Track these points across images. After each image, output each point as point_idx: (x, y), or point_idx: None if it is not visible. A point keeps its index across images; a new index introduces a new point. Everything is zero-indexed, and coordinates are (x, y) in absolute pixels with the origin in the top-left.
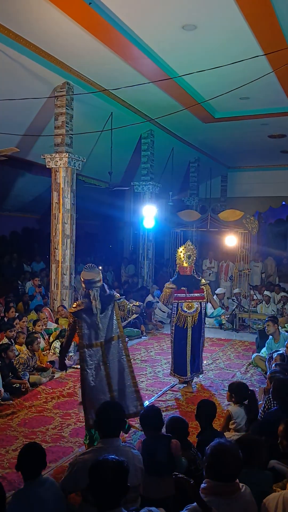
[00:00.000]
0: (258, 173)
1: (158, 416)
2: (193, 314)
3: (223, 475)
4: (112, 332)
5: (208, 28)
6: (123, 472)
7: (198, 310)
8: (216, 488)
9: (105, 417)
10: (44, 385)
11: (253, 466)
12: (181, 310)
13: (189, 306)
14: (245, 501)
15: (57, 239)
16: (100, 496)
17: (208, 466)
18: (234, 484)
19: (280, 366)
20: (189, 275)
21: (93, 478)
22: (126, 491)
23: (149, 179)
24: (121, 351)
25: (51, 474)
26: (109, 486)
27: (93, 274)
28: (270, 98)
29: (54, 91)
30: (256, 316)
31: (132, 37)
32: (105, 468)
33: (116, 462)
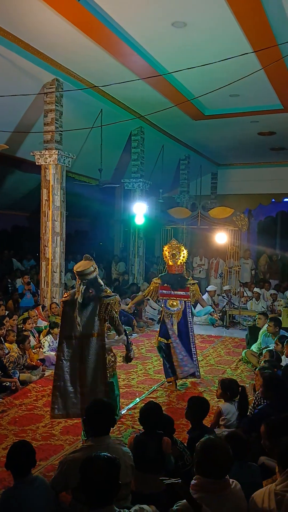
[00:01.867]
0: (248, 170)
1: (158, 413)
2: (176, 312)
3: (212, 472)
4: (92, 329)
5: (198, 25)
6: (114, 469)
7: (182, 309)
8: (206, 485)
9: (95, 415)
10: (35, 383)
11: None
12: (165, 308)
13: (172, 304)
14: (235, 498)
15: (47, 236)
16: (91, 493)
17: (198, 463)
18: (224, 481)
19: (269, 363)
20: (176, 274)
21: (84, 475)
22: (118, 488)
23: (139, 176)
24: (99, 350)
25: (41, 473)
26: (100, 483)
27: (84, 264)
28: (260, 95)
29: (44, 87)
30: (246, 313)
31: (122, 34)
32: (96, 465)
33: (107, 459)
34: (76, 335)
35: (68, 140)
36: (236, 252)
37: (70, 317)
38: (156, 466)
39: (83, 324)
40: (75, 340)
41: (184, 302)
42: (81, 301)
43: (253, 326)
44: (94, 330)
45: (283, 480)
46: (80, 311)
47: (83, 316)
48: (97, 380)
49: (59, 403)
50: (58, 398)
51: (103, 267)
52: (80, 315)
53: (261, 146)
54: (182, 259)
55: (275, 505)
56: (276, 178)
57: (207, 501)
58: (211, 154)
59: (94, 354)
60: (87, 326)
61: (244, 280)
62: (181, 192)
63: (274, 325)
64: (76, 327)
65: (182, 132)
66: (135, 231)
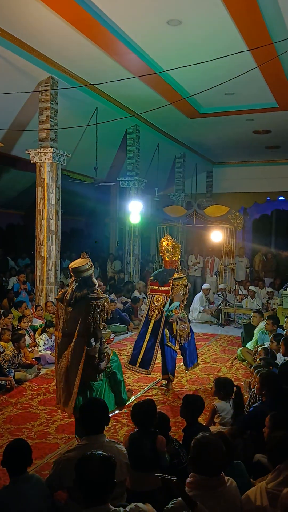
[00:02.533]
0: (243, 168)
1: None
2: (159, 307)
3: (207, 469)
4: (74, 328)
5: (193, 23)
6: (110, 467)
7: (163, 303)
8: (201, 482)
9: (89, 414)
10: (30, 381)
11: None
12: (152, 303)
13: (157, 299)
14: (231, 495)
15: (42, 235)
16: (86, 492)
17: (192, 460)
18: (219, 478)
19: (264, 360)
20: (169, 269)
21: (79, 474)
22: (113, 487)
23: (134, 174)
24: (80, 350)
25: (37, 471)
26: (95, 482)
27: (79, 262)
28: (255, 94)
29: (39, 85)
30: (242, 311)
31: (117, 32)
32: (91, 464)
33: (102, 458)
34: (64, 334)
35: (63, 138)
36: (231, 250)
37: (61, 315)
38: (151, 464)
39: (69, 323)
40: (65, 338)
41: (165, 297)
42: (69, 300)
43: (248, 324)
44: (76, 329)
45: (274, 478)
46: (66, 309)
47: (71, 315)
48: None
49: (58, 395)
50: (57, 391)
51: (99, 265)
52: (68, 314)
53: (256, 144)
54: (175, 255)
55: (268, 502)
56: (271, 177)
57: (203, 498)
58: (207, 153)
59: (76, 355)
60: (72, 326)
61: (239, 278)
62: (176, 191)
63: (273, 323)
64: (65, 326)
65: (177, 130)
66: (130, 230)
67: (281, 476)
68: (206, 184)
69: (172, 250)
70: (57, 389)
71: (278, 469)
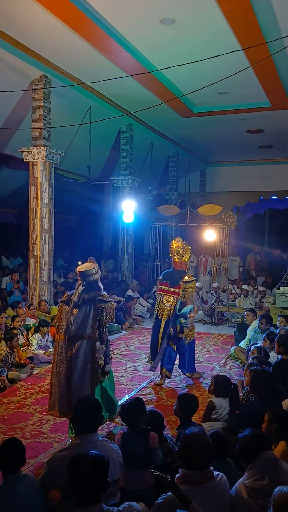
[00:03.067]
0: (236, 168)
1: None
2: (169, 307)
3: (193, 464)
4: (83, 331)
5: (187, 23)
6: (102, 467)
7: (173, 305)
8: (189, 477)
9: (82, 413)
10: (23, 381)
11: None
12: (161, 303)
13: (167, 299)
14: (220, 489)
15: (35, 234)
16: (79, 492)
17: (180, 455)
18: (207, 472)
19: (257, 359)
20: (178, 270)
21: (72, 474)
22: (106, 486)
23: (128, 173)
24: (88, 352)
25: (30, 470)
26: (88, 481)
27: (86, 266)
28: (248, 93)
29: (32, 84)
30: (235, 310)
31: (110, 30)
32: (84, 464)
33: (95, 457)
34: (69, 335)
35: (56, 137)
36: (224, 250)
37: (66, 317)
38: (144, 462)
39: (75, 325)
40: (66, 341)
41: (176, 298)
42: (76, 301)
43: (241, 322)
44: (85, 332)
45: (249, 476)
46: (73, 312)
47: (77, 317)
48: (84, 383)
49: (52, 401)
50: (51, 396)
51: None
52: (74, 315)
53: (249, 143)
54: (185, 257)
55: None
56: (264, 176)
57: (191, 492)
58: (200, 152)
59: (83, 357)
60: (79, 328)
61: (232, 277)
62: (170, 190)
63: (266, 323)
64: (69, 328)
65: (171, 129)
66: (124, 229)
67: (256, 473)
68: (200, 183)
69: (182, 251)
70: (51, 395)
71: (252, 467)
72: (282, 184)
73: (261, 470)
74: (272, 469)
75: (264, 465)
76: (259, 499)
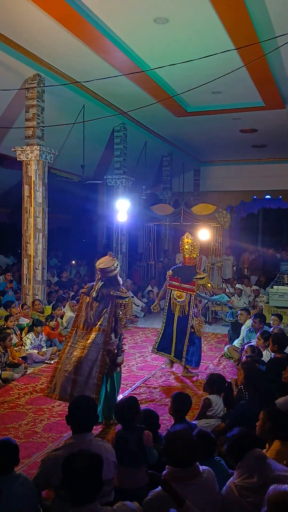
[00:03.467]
0: (230, 167)
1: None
2: (182, 303)
3: (179, 461)
4: (100, 324)
5: (180, 22)
6: (97, 466)
7: (187, 301)
8: (175, 474)
9: (77, 412)
10: (17, 381)
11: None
12: (173, 298)
13: (179, 295)
14: (208, 486)
15: (29, 233)
16: (74, 491)
17: (165, 453)
18: (193, 469)
19: (250, 358)
20: (189, 266)
21: (66, 473)
22: (101, 486)
23: (122, 172)
24: (100, 344)
25: (24, 470)
26: (83, 481)
27: (106, 262)
28: (242, 93)
29: (25, 83)
30: (229, 309)
31: (104, 29)
32: (78, 463)
33: (90, 457)
34: (86, 326)
35: (50, 136)
36: (218, 249)
37: (85, 308)
38: (139, 460)
39: (94, 318)
40: (84, 330)
41: (190, 295)
42: (95, 296)
43: (235, 322)
44: (102, 325)
45: (239, 475)
46: (92, 304)
47: (95, 310)
48: (92, 373)
49: (53, 384)
50: (53, 379)
51: (86, 264)
52: (94, 309)
53: (243, 143)
54: (194, 253)
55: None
56: (258, 175)
57: (180, 490)
58: (194, 151)
59: (96, 348)
60: (95, 319)
61: (226, 277)
62: (164, 189)
63: (260, 322)
64: (88, 319)
65: (164, 128)
66: (118, 228)
67: (245, 472)
68: (193, 183)
69: (191, 248)
70: (53, 377)
71: (240, 466)
72: (276, 183)
73: (249, 469)
74: (260, 466)
75: (252, 463)
76: (249, 497)
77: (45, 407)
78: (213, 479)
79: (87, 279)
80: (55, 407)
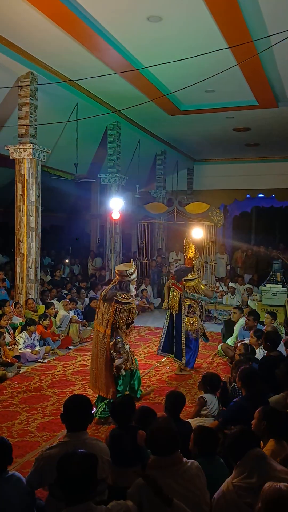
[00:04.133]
0: (223, 166)
1: (130, 407)
2: (175, 302)
3: (159, 450)
4: (103, 324)
5: (173, 20)
6: (92, 465)
7: (177, 299)
8: (157, 462)
9: (71, 411)
10: (10, 380)
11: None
12: (172, 297)
13: (175, 294)
14: (190, 474)
15: (22, 232)
16: (68, 490)
17: (146, 443)
18: (175, 457)
19: (244, 356)
20: (185, 267)
21: (61, 472)
22: (96, 485)
23: (115, 171)
24: (104, 345)
25: (17, 469)
26: (77, 480)
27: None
28: (235, 91)
29: (18, 81)
30: (222, 307)
31: (97, 27)
32: (73, 462)
33: (84, 456)
34: (98, 324)
35: (43, 134)
36: (211, 247)
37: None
38: (132, 460)
39: (101, 316)
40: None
41: (180, 294)
42: (104, 296)
43: (228, 320)
44: (104, 326)
45: (238, 474)
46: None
47: (104, 313)
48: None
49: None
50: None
51: (79, 262)
52: (101, 306)
53: (236, 142)
54: (190, 254)
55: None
56: (251, 174)
57: (160, 476)
58: (187, 150)
59: (102, 347)
60: (101, 321)
61: (219, 275)
62: (157, 188)
63: (254, 319)
64: (99, 317)
65: (158, 127)
66: (111, 226)
67: (244, 471)
68: (187, 181)
69: (189, 249)
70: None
71: (240, 465)
72: (269, 182)
73: (249, 468)
74: (261, 466)
75: (252, 462)
76: (247, 498)
77: (38, 406)
78: (198, 469)
79: (81, 278)
80: (49, 406)
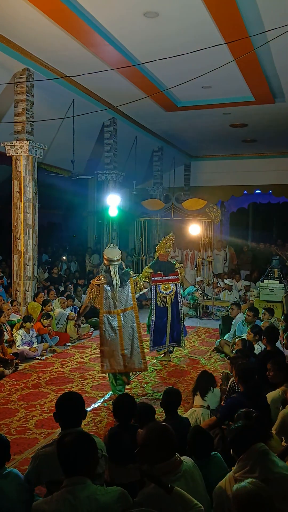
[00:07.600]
0: (220, 162)
1: (131, 405)
2: (170, 294)
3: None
4: (127, 303)
5: (170, 16)
6: (89, 440)
7: (174, 290)
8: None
9: (65, 408)
10: (8, 377)
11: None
12: (159, 292)
13: (166, 287)
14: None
15: (19, 229)
16: (67, 462)
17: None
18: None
19: (241, 352)
20: (166, 261)
21: (60, 448)
22: (95, 462)
23: (112, 167)
24: (133, 319)
25: (16, 466)
26: (76, 452)
27: (114, 253)
28: (232, 87)
29: (14, 77)
30: (220, 304)
31: (93, 23)
32: (72, 436)
33: (82, 432)
34: (115, 310)
35: (39, 130)
36: (209, 244)
37: (109, 295)
38: (131, 457)
39: (122, 300)
40: (114, 314)
41: (175, 284)
42: (119, 283)
43: (226, 316)
44: (128, 304)
45: (240, 468)
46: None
47: (121, 294)
48: (134, 344)
49: (106, 362)
50: (105, 358)
51: (77, 259)
52: (118, 293)
53: (233, 138)
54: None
55: None
56: (248, 170)
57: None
58: (184, 146)
59: (130, 324)
60: (124, 302)
61: (217, 271)
62: (154, 184)
63: (254, 315)
64: (116, 304)
65: (155, 123)
66: (108, 223)
67: (246, 465)
68: (184, 178)
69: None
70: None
71: (242, 459)
72: (266, 178)
73: (252, 462)
74: (263, 461)
75: (255, 457)
76: None
77: (36, 403)
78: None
79: (78, 275)
80: (47, 403)
